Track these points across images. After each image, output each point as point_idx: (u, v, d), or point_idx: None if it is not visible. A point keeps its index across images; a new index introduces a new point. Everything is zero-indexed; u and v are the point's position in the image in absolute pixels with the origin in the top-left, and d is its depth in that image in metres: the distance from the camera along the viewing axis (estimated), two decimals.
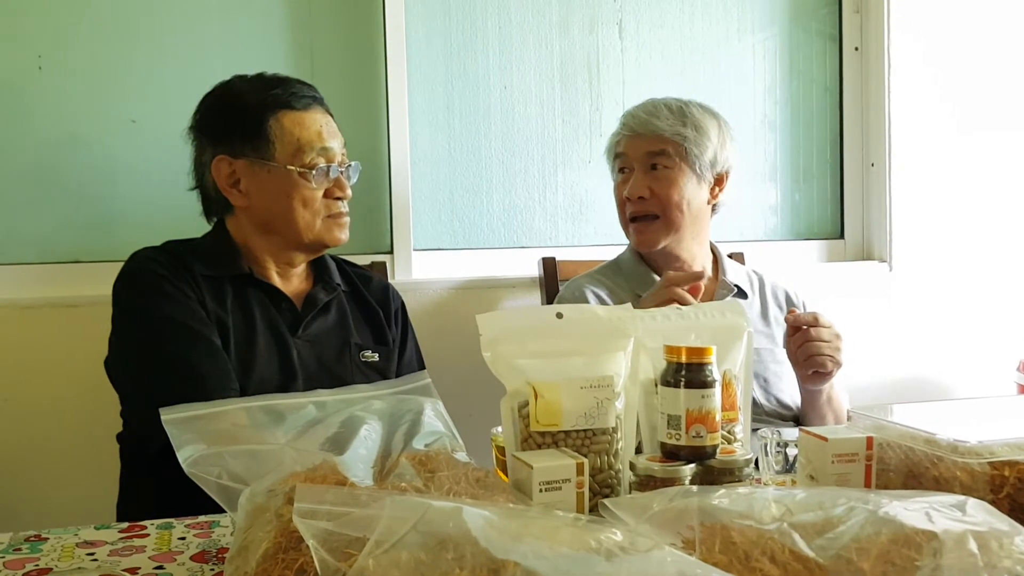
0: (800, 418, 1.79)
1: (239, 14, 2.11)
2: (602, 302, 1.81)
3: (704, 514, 0.82)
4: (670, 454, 1.05)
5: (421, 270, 2.24)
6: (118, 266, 1.55)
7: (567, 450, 1.04)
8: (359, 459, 0.98)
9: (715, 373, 1.05)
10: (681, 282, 1.59)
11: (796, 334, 1.62)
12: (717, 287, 1.87)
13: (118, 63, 2.03)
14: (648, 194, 1.79)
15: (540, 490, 0.96)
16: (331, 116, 1.62)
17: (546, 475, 0.97)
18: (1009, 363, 2.53)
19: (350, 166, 1.62)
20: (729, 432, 1.14)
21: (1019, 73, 2.61)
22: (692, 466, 1.04)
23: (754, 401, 1.74)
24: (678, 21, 2.44)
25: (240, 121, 1.55)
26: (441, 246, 2.30)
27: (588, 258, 2.14)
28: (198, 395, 1.10)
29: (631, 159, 1.82)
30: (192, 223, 1.67)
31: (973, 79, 2.57)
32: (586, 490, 0.99)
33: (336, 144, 1.59)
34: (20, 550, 1.07)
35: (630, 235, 1.86)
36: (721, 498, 0.85)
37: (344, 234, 1.61)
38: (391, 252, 2.21)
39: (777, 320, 1.88)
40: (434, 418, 1.11)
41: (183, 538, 1.10)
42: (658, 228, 1.81)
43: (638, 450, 1.12)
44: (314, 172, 1.55)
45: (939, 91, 2.54)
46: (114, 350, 1.54)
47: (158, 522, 1.15)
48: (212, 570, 1.01)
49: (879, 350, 2.45)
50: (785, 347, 1.67)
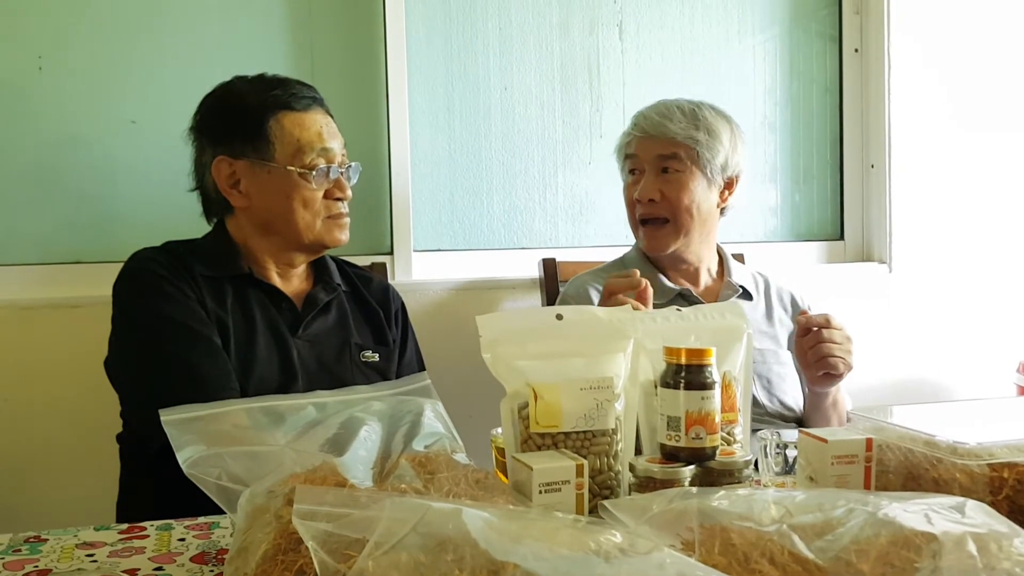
0: (804, 420, 1.79)
1: (239, 14, 2.11)
2: None
3: (704, 516, 0.82)
4: (670, 456, 1.05)
5: (421, 271, 2.24)
6: (118, 266, 1.55)
7: (567, 452, 1.04)
8: (359, 460, 0.98)
9: (715, 375, 1.05)
10: (620, 289, 1.53)
11: (808, 335, 1.60)
12: (722, 288, 1.87)
13: (118, 63, 2.03)
14: (659, 197, 1.79)
15: (540, 491, 0.96)
16: (331, 117, 1.62)
17: (546, 476, 0.97)
18: (1009, 364, 2.53)
19: (350, 167, 1.62)
20: (729, 434, 1.14)
21: (1019, 74, 2.61)
22: (692, 468, 1.04)
23: (756, 402, 1.74)
24: (678, 22, 2.44)
25: (240, 122, 1.55)
26: (441, 247, 2.30)
27: (588, 259, 2.14)
28: (198, 395, 1.10)
29: (642, 161, 1.81)
30: (192, 223, 1.67)
31: (973, 80, 2.57)
32: (586, 491, 0.99)
33: (336, 145, 1.59)
34: (20, 551, 1.07)
35: (639, 237, 1.86)
36: (721, 500, 0.85)
37: (344, 235, 1.61)
38: (391, 253, 2.21)
39: (781, 322, 1.88)
40: (434, 419, 1.11)
41: (183, 539, 1.10)
42: (668, 232, 1.80)
43: (637, 451, 1.12)
44: (314, 173, 1.55)
45: (939, 92, 2.54)
46: (114, 350, 1.54)
47: (158, 523, 1.16)
48: (212, 571, 1.01)
49: (879, 351, 2.44)
50: (791, 349, 1.66)
